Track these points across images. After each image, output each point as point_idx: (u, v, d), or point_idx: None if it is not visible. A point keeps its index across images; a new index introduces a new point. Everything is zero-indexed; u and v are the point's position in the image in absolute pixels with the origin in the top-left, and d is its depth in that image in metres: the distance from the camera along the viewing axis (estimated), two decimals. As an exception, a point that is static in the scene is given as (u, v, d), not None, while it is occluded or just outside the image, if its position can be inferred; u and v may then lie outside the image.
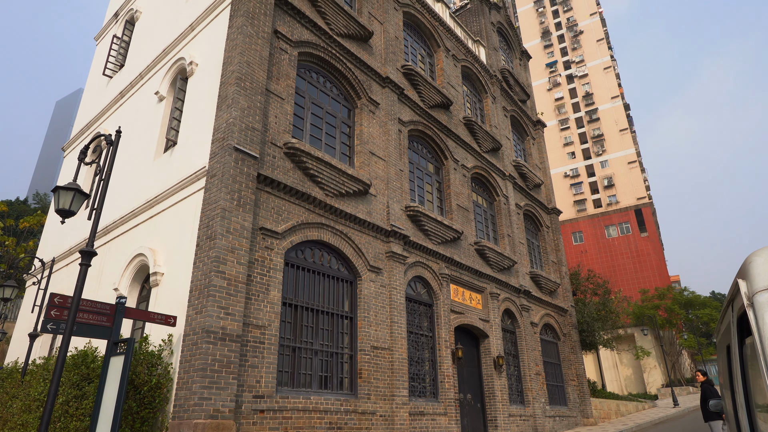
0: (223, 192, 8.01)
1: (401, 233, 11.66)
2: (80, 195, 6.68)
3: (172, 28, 12.57)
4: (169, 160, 10.39)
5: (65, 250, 13.10)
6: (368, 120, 12.24)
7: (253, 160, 8.60)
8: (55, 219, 14.80)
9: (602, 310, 27.23)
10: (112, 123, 14.00)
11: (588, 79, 65.41)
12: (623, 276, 55.84)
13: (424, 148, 14.89)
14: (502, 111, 20.22)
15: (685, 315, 43.45)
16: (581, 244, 59.57)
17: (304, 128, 10.63)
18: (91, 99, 16.42)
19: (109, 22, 17.54)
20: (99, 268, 11.10)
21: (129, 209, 10.86)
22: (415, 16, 16.12)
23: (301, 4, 11.10)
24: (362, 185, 10.91)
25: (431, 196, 14.45)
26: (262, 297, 8.20)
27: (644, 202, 57.66)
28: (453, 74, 17.29)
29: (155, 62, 12.55)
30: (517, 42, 24.57)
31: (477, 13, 22.01)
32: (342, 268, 10.38)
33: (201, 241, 7.99)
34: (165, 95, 11.71)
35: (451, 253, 13.73)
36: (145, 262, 9.65)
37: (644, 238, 56.51)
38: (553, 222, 21.36)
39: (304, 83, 11.11)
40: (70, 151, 16.45)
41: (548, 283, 18.64)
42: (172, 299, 8.36)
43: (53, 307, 6.43)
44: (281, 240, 8.90)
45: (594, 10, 68.53)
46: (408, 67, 14.23)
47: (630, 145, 60.54)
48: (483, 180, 17.37)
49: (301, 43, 10.84)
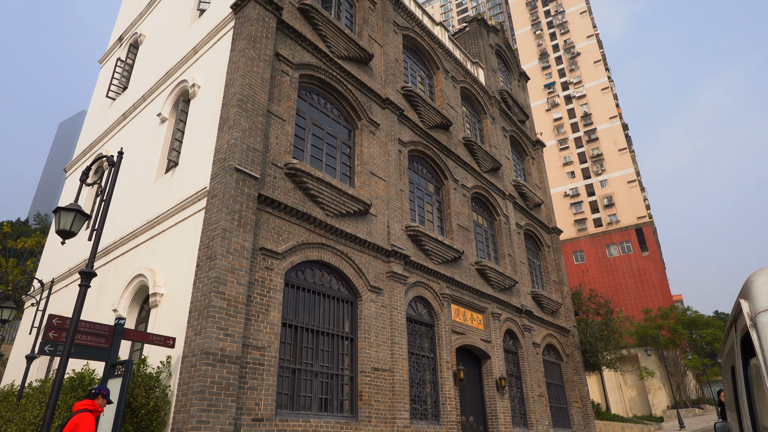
0: (223, 212, 8.02)
1: (402, 253, 11.64)
2: (81, 216, 6.70)
3: (175, 51, 12.76)
4: (170, 180, 10.44)
5: (65, 271, 13.07)
6: (369, 140, 12.33)
7: (253, 180, 8.64)
8: (56, 240, 14.80)
9: (605, 330, 27.00)
10: (115, 144, 14.11)
11: (586, 99, 66.09)
12: (625, 295, 55.51)
13: (424, 168, 14.97)
14: (501, 131, 20.38)
15: (688, 335, 43.02)
16: (582, 263, 59.38)
17: (305, 149, 10.71)
18: (94, 121, 16.58)
19: (114, 46, 17.82)
20: (98, 289, 11.05)
21: (129, 230, 10.87)
22: (415, 39, 16.38)
23: (303, 28, 11.29)
24: (363, 205, 10.93)
25: (431, 215, 14.47)
26: (262, 318, 8.14)
27: (645, 221, 57.66)
28: (452, 95, 17.48)
29: (158, 84, 12.70)
30: (515, 64, 24.90)
31: (475, 35, 22.37)
32: (342, 289, 10.33)
33: (201, 262, 7.97)
34: (167, 117, 11.83)
35: (452, 272, 13.68)
36: (144, 283, 9.61)
37: (645, 257, 56.35)
38: (554, 241, 21.33)
39: (305, 104, 11.23)
40: (72, 172, 16.53)
41: (550, 303, 18.52)
42: (171, 320, 8.30)
43: (52, 329, 6.38)
44: (281, 260, 8.88)
45: (590, 32, 69.63)
46: (408, 89, 14.40)
47: (629, 164, 60.84)
48: (483, 200, 17.41)
49: (302, 66, 11.00)
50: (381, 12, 14.74)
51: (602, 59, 67.47)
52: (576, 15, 71.67)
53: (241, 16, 10.20)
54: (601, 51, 68.37)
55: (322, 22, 11.64)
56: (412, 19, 16.28)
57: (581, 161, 63.94)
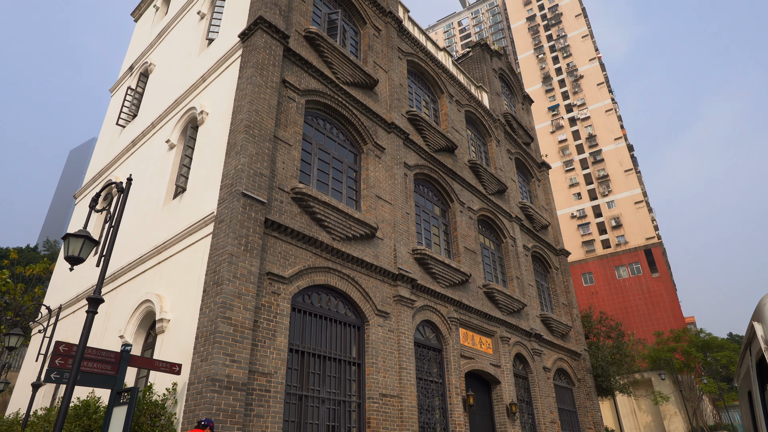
0: (230, 237, 8.05)
1: (409, 276, 11.57)
2: (90, 242, 6.74)
3: (184, 79, 13.02)
4: (178, 206, 10.52)
5: (72, 297, 13.09)
6: (374, 164, 12.41)
7: (260, 205, 8.69)
8: (64, 266, 14.87)
9: (617, 353, 26.48)
10: (124, 171, 14.29)
11: (590, 121, 66.40)
12: (636, 318, 54.64)
13: (430, 191, 15.00)
14: (506, 154, 20.46)
15: (703, 358, 42.10)
16: (591, 285, 58.71)
17: (311, 173, 10.78)
18: (104, 148, 16.84)
19: (125, 75, 18.22)
20: (105, 315, 11.04)
21: (137, 255, 10.91)
22: (419, 65, 16.63)
23: (309, 55, 11.51)
24: (369, 229, 10.94)
25: (438, 238, 14.43)
26: (269, 343, 8.07)
27: (653, 242, 57.15)
28: (457, 119, 17.64)
29: (167, 112, 12.93)
30: (518, 87, 25.16)
31: (479, 60, 22.68)
32: (349, 313, 10.25)
33: (208, 287, 7.96)
34: (175, 143, 12.00)
35: (460, 296, 13.56)
36: (151, 309, 9.59)
37: (656, 278, 55.64)
38: (562, 263, 21.15)
39: (311, 130, 11.36)
40: (81, 199, 16.72)
41: (560, 326, 18.25)
42: (177, 346, 8.26)
43: (58, 356, 6.35)
44: (288, 285, 8.85)
45: (593, 55, 70.41)
46: (413, 113, 14.55)
47: (636, 185, 60.67)
48: (490, 222, 17.36)
49: (308, 92, 11.17)
50: (385, 39, 15.01)
51: (605, 81, 68.02)
52: (578, 39, 72.63)
53: (248, 44, 10.43)
54: (604, 73, 68.98)
55: (327, 49, 11.87)
56: (416, 45, 16.56)
57: (587, 182, 63.87)
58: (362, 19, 14.40)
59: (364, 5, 14.52)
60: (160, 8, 18.50)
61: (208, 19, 13.77)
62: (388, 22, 15.32)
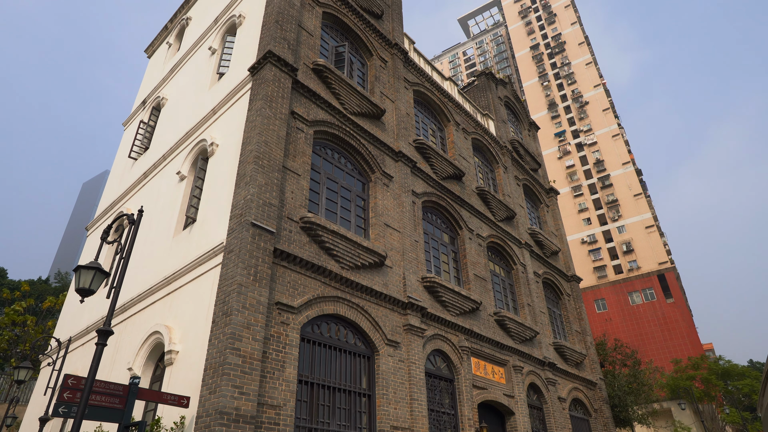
0: (239, 267, 8.06)
1: (418, 305, 11.46)
2: (101, 274, 6.78)
3: (195, 112, 13.30)
4: (188, 237, 10.60)
5: (82, 329, 13.08)
6: (382, 193, 12.47)
7: (269, 235, 8.72)
8: (75, 298, 14.92)
9: (633, 382, 25.79)
10: (135, 203, 14.48)
11: (597, 146, 66.57)
12: (652, 345, 53.41)
13: (438, 219, 15.00)
14: (514, 180, 20.49)
15: (723, 386, 40.83)
16: (605, 311, 57.70)
17: (319, 203, 10.85)
18: (116, 180, 17.12)
19: (137, 109, 18.67)
20: (114, 347, 11.01)
21: (147, 286, 10.94)
22: (425, 94, 16.88)
23: (317, 87, 11.74)
24: (378, 257, 10.91)
25: (447, 266, 14.34)
26: (278, 375, 7.97)
27: (666, 267, 56.33)
28: (464, 146, 17.76)
29: (178, 144, 13.17)
30: (524, 114, 25.38)
31: (484, 88, 22.99)
32: (359, 343, 10.13)
33: (217, 318, 7.93)
34: (186, 175, 12.17)
35: (471, 324, 13.38)
36: (160, 340, 9.55)
37: (670, 304, 54.61)
38: (574, 290, 20.86)
39: (319, 159, 11.49)
40: (93, 231, 16.90)
41: (574, 354, 17.87)
42: (186, 378, 8.18)
43: (66, 389, 6.31)
44: (297, 315, 8.80)
45: (597, 82, 71.12)
46: (420, 141, 14.69)
47: (646, 209, 60.25)
48: (499, 249, 17.26)
49: (316, 122, 11.34)
50: (392, 69, 15.30)
51: (611, 107, 68.46)
52: (582, 66, 73.54)
53: (258, 78, 10.67)
54: (609, 99, 69.49)
55: (335, 80, 12.11)
56: (422, 75, 16.85)
57: (597, 207, 63.58)
58: (369, 51, 14.73)
59: (371, 38, 14.87)
60: (172, 45, 19.08)
61: (219, 55, 14.15)
62: (394, 54, 15.65)
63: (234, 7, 14.45)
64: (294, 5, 12.06)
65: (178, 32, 19.10)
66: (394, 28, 16.30)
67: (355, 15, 14.48)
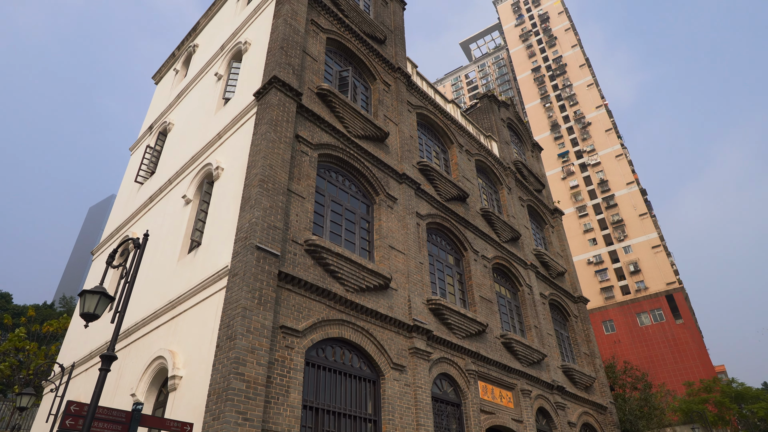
0: (244, 291, 8.03)
1: (424, 328, 11.35)
2: (105, 298, 6.77)
3: (201, 137, 13.46)
4: (192, 260, 10.60)
5: (86, 354, 13.00)
6: (387, 215, 12.48)
7: (274, 258, 8.71)
8: (79, 323, 14.88)
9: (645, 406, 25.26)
10: (141, 226, 14.54)
11: (601, 167, 66.66)
12: (662, 367, 52.43)
13: (443, 240, 14.96)
14: (518, 201, 20.48)
15: (738, 410, 39.87)
16: (613, 333, 56.86)
17: (324, 225, 10.86)
18: (122, 204, 17.24)
19: (144, 134, 18.92)
20: (118, 372, 10.91)
21: (151, 311, 10.90)
22: (428, 117, 17.03)
23: (321, 111, 11.88)
24: (383, 279, 10.86)
25: (453, 288, 14.24)
26: (282, 400, 7.86)
27: (675, 287, 55.69)
28: (467, 168, 17.83)
29: (184, 168, 13.29)
30: (527, 135, 25.52)
31: (487, 111, 23.19)
32: (364, 367, 10.00)
33: (221, 342, 7.87)
34: (192, 198, 12.24)
35: (477, 347, 13.21)
36: (164, 365, 9.47)
37: (680, 325, 53.79)
38: (581, 311, 20.62)
39: (323, 182, 11.55)
40: (98, 255, 16.95)
41: (583, 378, 17.56)
42: (189, 404, 8.07)
43: (69, 416, 6.24)
44: (302, 338, 8.72)
45: (599, 103, 71.63)
46: (423, 164, 14.76)
47: (651, 229, 59.93)
48: (505, 270, 17.15)
49: (320, 146, 11.44)
50: (395, 93, 15.49)
51: (613, 127, 68.78)
52: (583, 87, 74.20)
53: (263, 102, 10.82)
54: (612, 120, 69.87)
55: (339, 104, 12.25)
56: (425, 98, 17.04)
57: (602, 228, 63.30)
58: (372, 75, 14.94)
59: (374, 62, 15.10)
60: (179, 71, 19.43)
61: (225, 80, 14.39)
62: (397, 78, 15.86)
63: (240, 34, 14.76)
64: (298, 32, 12.30)
65: (186, 59, 19.48)
66: (396, 52, 16.56)
67: (358, 40, 14.74)
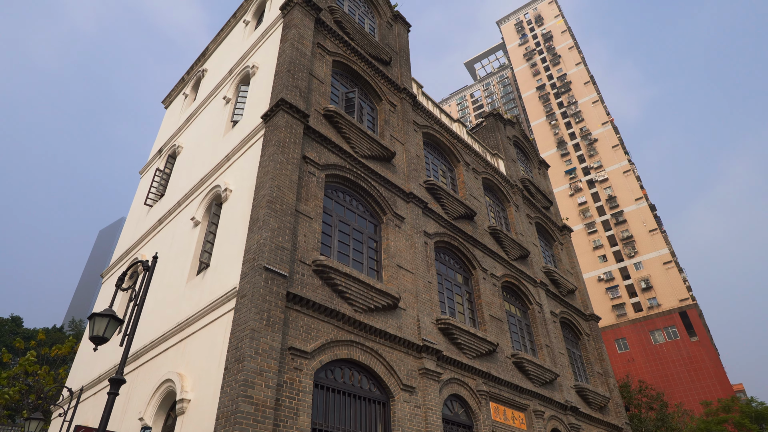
0: (252, 312, 8.01)
1: (434, 348, 11.22)
2: (114, 321, 6.79)
3: (209, 159, 13.61)
4: (201, 282, 10.62)
5: (94, 378, 12.97)
6: (394, 234, 12.47)
7: (282, 278, 8.71)
8: (88, 346, 14.88)
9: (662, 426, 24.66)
10: (150, 249, 14.63)
11: (609, 183, 66.43)
12: (678, 386, 51.28)
13: (451, 259, 14.89)
14: (526, 218, 20.40)
15: (758, 430, 38.78)
16: (626, 352, 55.86)
17: (332, 245, 10.87)
18: (131, 227, 17.38)
19: (154, 157, 19.17)
20: (126, 396, 10.86)
21: (160, 333, 10.88)
22: (435, 136, 17.14)
23: (328, 132, 11.99)
24: (391, 299, 10.79)
25: (462, 307, 14.12)
26: (291, 423, 7.76)
27: (688, 304, 54.81)
28: (474, 186, 17.84)
29: (193, 190, 13.41)
30: (533, 153, 25.55)
31: (492, 129, 23.29)
32: (374, 388, 9.88)
33: (229, 364, 7.83)
34: (200, 220, 12.32)
35: (488, 367, 13.02)
36: (172, 389, 9.41)
37: (695, 342, 52.77)
38: (593, 329, 20.32)
39: (331, 202, 11.59)
40: (108, 278, 17.03)
41: (597, 398, 17.20)
42: (197, 428, 7.99)
43: (77, 441, 6.20)
44: (310, 360, 8.65)
45: (605, 119, 71.75)
46: (430, 182, 14.80)
47: (662, 245, 59.30)
48: (514, 288, 16.99)
49: (328, 166, 11.52)
50: (401, 113, 15.63)
51: (620, 143, 68.74)
52: (588, 104, 74.48)
53: (270, 124, 10.96)
54: (618, 136, 69.87)
55: (345, 125, 12.37)
56: (430, 117, 17.17)
57: (612, 244, 62.76)
58: (378, 96, 15.10)
59: (380, 83, 15.28)
60: (189, 95, 19.77)
61: (233, 103, 14.61)
62: (403, 98, 16.02)
63: (248, 58, 15.03)
64: (305, 55, 12.51)
65: (195, 83, 19.84)
66: (402, 73, 16.77)
67: (364, 62, 14.95)
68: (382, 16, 18.10)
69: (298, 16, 13.05)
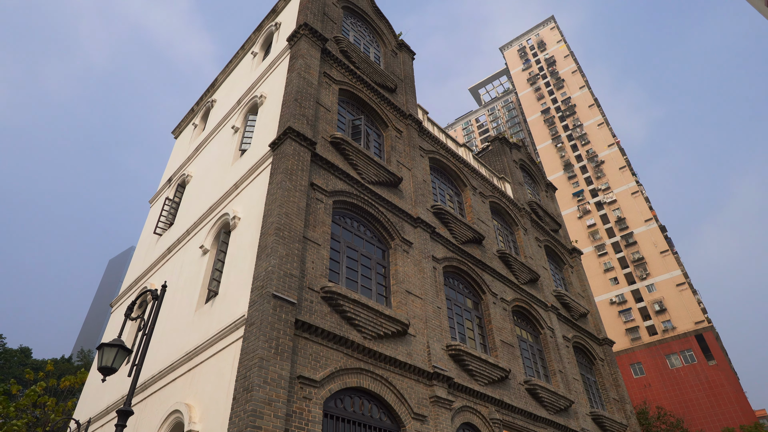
0: (261, 340, 7.95)
1: (444, 375, 11.03)
2: (123, 351, 6.76)
3: (218, 187, 13.75)
4: (209, 310, 10.59)
5: (102, 409, 12.84)
6: (402, 259, 12.42)
7: (291, 306, 8.66)
8: (96, 377, 14.79)
9: (682, 455, 23.84)
10: (159, 278, 14.66)
11: (617, 204, 66.09)
12: (698, 412, 49.77)
13: (460, 284, 14.77)
14: (535, 242, 20.27)
15: (783, 457, 37.37)
16: (642, 377, 54.51)
17: (340, 272, 10.83)
18: (141, 256, 17.47)
19: (163, 187, 19.40)
20: (134, 428, 10.72)
21: (168, 363, 10.81)
22: (441, 161, 17.23)
23: (335, 159, 12.11)
24: (401, 325, 10.68)
25: (472, 332, 13.92)
26: (300, 455, 7.60)
27: (704, 327, 53.65)
28: (482, 210, 17.82)
29: (201, 219, 13.51)
30: (540, 176, 25.56)
31: (499, 153, 23.40)
32: (384, 418, 9.68)
33: (238, 394, 7.73)
34: (209, 248, 12.37)
35: (500, 394, 12.74)
36: (180, 419, 9.29)
37: (713, 366, 51.42)
38: (607, 354, 19.90)
39: (339, 229, 11.61)
40: (117, 307, 17.04)
41: (614, 425, 16.72)
42: (205, 461, 7.84)
43: (83, 475, 6.10)
44: (319, 389, 8.52)
45: (611, 141, 71.89)
46: (438, 207, 14.80)
47: (674, 266, 58.49)
48: (525, 313, 16.77)
49: (335, 193, 11.59)
50: (407, 139, 15.77)
51: (627, 165, 68.64)
52: (594, 127, 74.76)
53: (278, 152, 11.09)
54: (625, 157, 69.85)
55: (352, 152, 12.49)
56: (436, 143, 17.30)
57: (623, 266, 62.00)
58: (384, 122, 15.28)
59: (386, 110, 15.48)
60: (198, 125, 20.12)
61: (242, 132, 14.84)
62: (409, 124, 16.19)
63: (256, 88, 15.33)
64: (312, 84, 12.73)
65: (204, 114, 20.21)
66: (407, 100, 16.99)
67: (370, 90, 15.18)
68: (387, 45, 18.46)
69: (305, 47, 13.34)
